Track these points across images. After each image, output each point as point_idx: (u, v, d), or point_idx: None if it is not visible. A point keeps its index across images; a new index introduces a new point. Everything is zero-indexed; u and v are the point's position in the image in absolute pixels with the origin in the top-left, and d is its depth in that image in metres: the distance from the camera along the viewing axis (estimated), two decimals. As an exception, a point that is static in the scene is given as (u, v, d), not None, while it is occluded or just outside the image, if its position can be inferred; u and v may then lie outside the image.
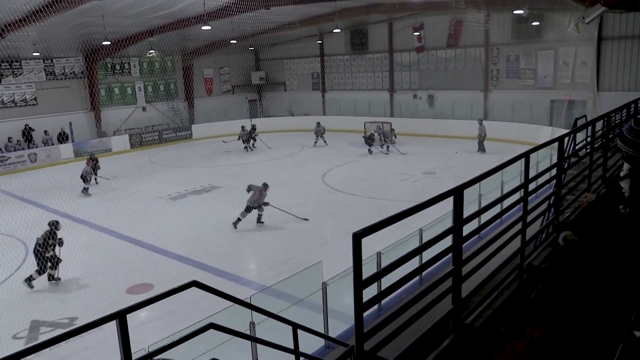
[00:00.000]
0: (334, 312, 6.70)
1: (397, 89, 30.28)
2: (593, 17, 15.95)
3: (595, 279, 3.55)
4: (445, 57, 27.85)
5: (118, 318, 2.64)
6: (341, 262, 6.26)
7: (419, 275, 5.75)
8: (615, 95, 20.38)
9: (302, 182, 18.31)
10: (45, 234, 10.56)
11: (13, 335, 8.61)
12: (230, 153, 23.76)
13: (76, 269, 11.09)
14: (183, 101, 32.11)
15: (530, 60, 24.83)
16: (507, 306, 4.01)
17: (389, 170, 20.06)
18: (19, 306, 9.59)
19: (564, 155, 5.54)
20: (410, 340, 3.27)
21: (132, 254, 12.07)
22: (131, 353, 2.72)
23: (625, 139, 2.90)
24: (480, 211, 4.04)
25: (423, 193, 13.90)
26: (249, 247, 12.72)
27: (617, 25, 21.67)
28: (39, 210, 16.02)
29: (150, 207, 15.64)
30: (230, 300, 3.66)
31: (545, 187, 5.99)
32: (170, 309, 8.03)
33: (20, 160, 23.72)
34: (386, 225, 2.78)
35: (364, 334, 2.82)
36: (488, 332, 3.65)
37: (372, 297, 2.86)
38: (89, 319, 2.57)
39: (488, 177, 3.91)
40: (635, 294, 2.99)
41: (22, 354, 2.24)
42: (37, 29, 19.50)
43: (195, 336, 3.23)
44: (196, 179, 19.44)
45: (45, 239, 10.49)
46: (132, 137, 28.39)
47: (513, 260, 4.52)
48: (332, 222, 14.13)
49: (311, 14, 25.08)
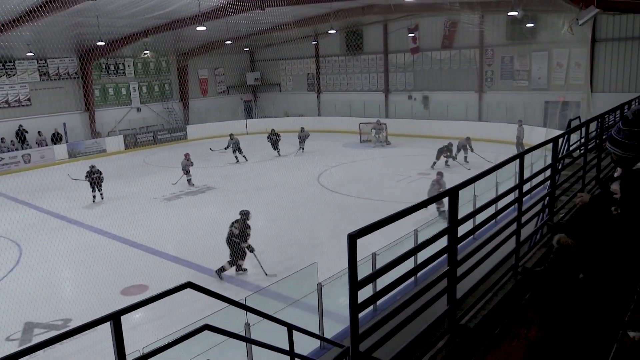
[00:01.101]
0: (329, 313, 6.70)
1: (392, 90, 30.35)
2: (587, 18, 16.04)
3: (589, 280, 3.57)
4: (440, 58, 27.93)
5: (112, 319, 2.63)
6: (336, 263, 6.27)
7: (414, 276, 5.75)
8: (608, 97, 20.50)
9: (297, 183, 18.31)
10: (241, 223, 10.68)
11: (7, 337, 8.57)
12: (225, 154, 23.69)
13: (70, 270, 11.04)
14: (178, 102, 32.05)
15: (524, 62, 24.95)
16: (501, 307, 4.03)
17: (384, 171, 20.09)
18: (13, 308, 9.52)
19: (558, 156, 5.56)
20: (406, 341, 3.27)
21: (126, 255, 12.02)
22: (125, 355, 2.71)
23: (614, 140, 2.85)
24: (475, 212, 4.05)
25: (418, 194, 13.93)
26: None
27: (610, 27, 21.81)
28: (33, 212, 15.95)
29: (145, 208, 15.58)
30: (225, 301, 3.65)
31: (540, 188, 6.01)
32: (164, 310, 8.01)
33: (14, 161, 23.60)
34: (381, 226, 2.79)
35: (360, 335, 2.83)
36: (483, 332, 3.66)
37: (367, 298, 2.86)
38: (83, 320, 2.55)
39: (482, 178, 3.92)
40: (628, 295, 3.01)
41: (16, 356, 2.23)
42: (31, 29, 19.41)
43: (190, 337, 3.22)
44: (191, 180, 19.40)
45: (242, 229, 10.61)
46: (126, 137, 28.30)
47: (508, 261, 4.54)
48: (327, 223, 14.12)
49: (306, 15, 25.09)
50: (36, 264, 11.10)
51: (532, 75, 24.73)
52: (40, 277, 10.56)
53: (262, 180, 17.58)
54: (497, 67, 26.06)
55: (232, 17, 21.07)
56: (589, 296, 3.47)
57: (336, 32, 27.63)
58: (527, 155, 4.66)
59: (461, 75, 27.22)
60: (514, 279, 4.45)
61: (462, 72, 27.20)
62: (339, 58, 32.41)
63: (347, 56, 32.02)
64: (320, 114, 33.31)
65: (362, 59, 31.32)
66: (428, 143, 25.37)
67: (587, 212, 4.21)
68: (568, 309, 3.61)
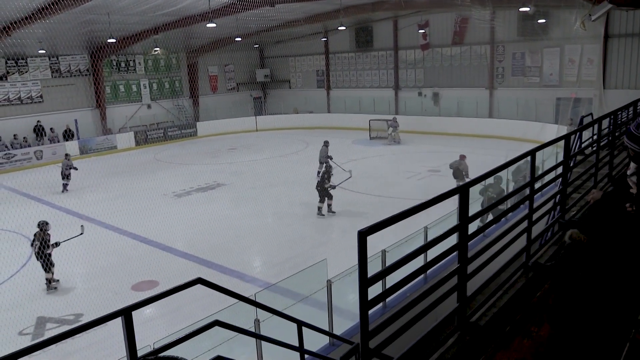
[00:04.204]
0: (339, 309, 6.70)
1: (402, 87, 30.23)
2: (599, 14, 15.84)
3: (602, 278, 3.53)
4: (451, 54, 27.78)
5: (124, 315, 2.65)
6: (346, 260, 6.26)
7: (423, 273, 5.74)
8: (621, 93, 20.27)
9: (307, 179, 18.30)
10: (325, 170, 12.35)
11: (19, 332, 8.67)
12: (235, 150, 23.77)
13: (82, 265, 11.14)
14: (188, 98, 32.16)
15: (536, 58, 24.72)
16: (512, 305, 4.00)
17: (393, 168, 20.03)
18: (25, 302, 9.64)
19: (570, 153, 5.51)
20: (415, 339, 3.27)
21: (137, 251, 12.12)
22: (137, 349, 2.73)
23: (632, 136, 2.84)
24: (486, 209, 4.03)
25: (428, 191, 13.88)
26: (254, 244, 12.73)
27: (623, 23, 21.54)
28: (45, 207, 16.11)
29: (156, 205, 15.68)
30: (235, 297, 3.67)
31: (551, 185, 5.97)
32: (174, 305, 8.06)
33: (26, 157, 23.84)
34: (391, 223, 2.78)
35: (369, 332, 2.82)
36: (493, 330, 3.64)
37: (377, 295, 2.85)
38: (94, 315, 2.58)
39: (493, 175, 3.90)
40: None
41: (28, 350, 2.26)
42: (43, 26, 19.56)
43: (200, 333, 3.24)
44: (201, 177, 19.49)
45: (325, 172, 12.53)
46: (137, 134, 28.46)
47: (518, 258, 4.51)
48: (336, 220, 14.12)
49: (316, 12, 25.06)
50: (48, 259, 11.18)
51: (544, 71, 24.51)
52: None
53: (272, 176, 17.56)
54: (508, 63, 25.86)
55: (242, 14, 21.12)
56: (600, 294, 3.44)
57: (346, 28, 27.57)
58: (538, 153, 4.62)
59: (472, 71, 27.05)
60: (525, 277, 4.42)
61: (473, 68, 27.03)
62: (348, 54, 32.33)
63: (357, 53, 31.93)
64: (329, 111, 33.27)
65: (372, 56, 31.22)
66: (438, 140, 25.30)
67: (600, 210, 4.17)
68: (579, 307, 3.58)
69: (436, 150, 22.95)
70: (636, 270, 3.23)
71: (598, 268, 3.61)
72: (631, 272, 3.26)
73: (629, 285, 3.24)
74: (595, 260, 3.67)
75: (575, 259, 3.89)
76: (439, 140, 25.17)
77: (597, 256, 3.67)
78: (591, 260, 3.72)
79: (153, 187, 17.11)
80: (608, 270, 3.48)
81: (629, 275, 3.28)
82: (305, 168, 20.26)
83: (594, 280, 3.57)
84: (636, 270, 3.24)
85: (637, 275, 3.21)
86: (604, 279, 3.48)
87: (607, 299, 3.31)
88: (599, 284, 3.48)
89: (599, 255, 3.64)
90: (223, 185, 18.45)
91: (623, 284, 3.29)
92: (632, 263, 3.25)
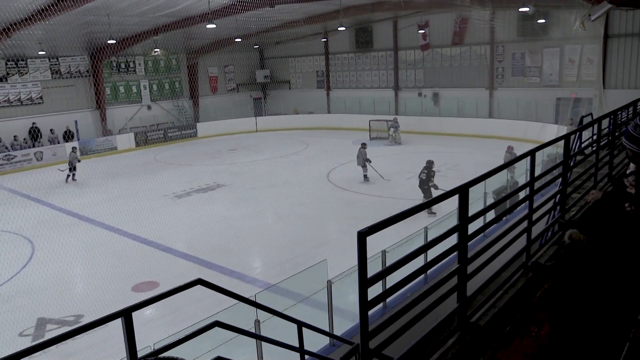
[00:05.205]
0: (339, 310, 6.70)
1: (402, 87, 30.23)
2: (599, 14, 15.86)
3: (602, 277, 3.53)
4: (450, 54, 27.78)
5: (124, 316, 2.65)
6: (346, 260, 6.26)
7: (423, 273, 5.74)
8: (621, 93, 20.26)
9: (307, 180, 18.32)
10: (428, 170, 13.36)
11: (19, 333, 8.67)
12: (235, 151, 23.76)
13: (82, 266, 11.15)
14: (188, 99, 32.16)
15: (535, 58, 24.73)
16: (512, 305, 4.00)
17: (394, 168, 20.02)
18: (26, 304, 9.64)
19: (570, 153, 5.51)
20: (415, 339, 3.27)
21: (137, 251, 12.12)
22: (137, 350, 2.73)
23: (631, 136, 2.84)
24: (486, 209, 4.03)
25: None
26: (254, 245, 12.73)
27: (623, 23, 21.54)
28: (45, 209, 16.11)
29: (156, 205, 15.69)
30: (235, 298, 3.67)
31: (551, 185, 5.97)
32: (174, 306, 8.05)
33: (27, 158, 23.84)
34: (391, 223, 2.78)
35: (369, 332, 2.82)
36: (493, 330, 3.64)
37: (377, 296, 2.85)
38: (94, 316, 2.58)
39: (493, 175, 3.90)
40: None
41: (29, 351, 2.26)
42: (43, 27, 19.58)
43: (201, 334, 3.24)
44: (201, 177, 19.49)
45: (428, 174, 13.38)
46: (137, 135, 28.46)
47: (518, 258, 4.51)
48: (336, 220, 14.13)
49: (316, 12, 25.05)
50: (48, 260, 11.20)
51: (544, 71, 24.51)
52: (52, 273, 10.67)
53: (272, 177, 17.57)
54: (508, 63, 25.86)
55: (242, 15, 21.11)
56: (600, 294, 3.44)
57: (346, 29, 27.56)
58: (538, 153, 4.62)
59: (472, 71, 27.05)
60: (525, 277, 4.42)
61: (473, 68, 27.03)
62: (348, 55, 32.33)
63: (357, 53, 31.93)
64: (329, 111, 33.28)
65: (372, 56, 31.23)
66: (438, 140, 25.29)
67: (600, 209, 4.17)
68: (579, 307, 3.58)
69: (436, 151, 22.94)
70: (636, 270, 3.23)
71: (598, 268, 3.61)
72: (631, 272, 3.26)
73: (628, 285, 3.24)
74: (595, 260, 3.67)
75: (575, 259, 3.89)
76: (439, 141, 25.16)
77: (596, 256, 3.67)
78: (591, 260, 3.72)
79: (153, 188, 17.12)
80: (608, 270, 3.49)
81: (628, 275, 3.28)
82: (306, 169, 20.28)
83: (594, 280, 3.58)
84: (636, 270, 3.24)
85: (637, 275, 3.21)
86: (603, 278, 3.49)
87: (606, 299, 3.31)
88: (599, 284, 3.48)
89: (599, 255, 3.64)
90: (223, 186, 18.45)
91: (623, 284, 3.29)
92: (632, 263, 3.25)
